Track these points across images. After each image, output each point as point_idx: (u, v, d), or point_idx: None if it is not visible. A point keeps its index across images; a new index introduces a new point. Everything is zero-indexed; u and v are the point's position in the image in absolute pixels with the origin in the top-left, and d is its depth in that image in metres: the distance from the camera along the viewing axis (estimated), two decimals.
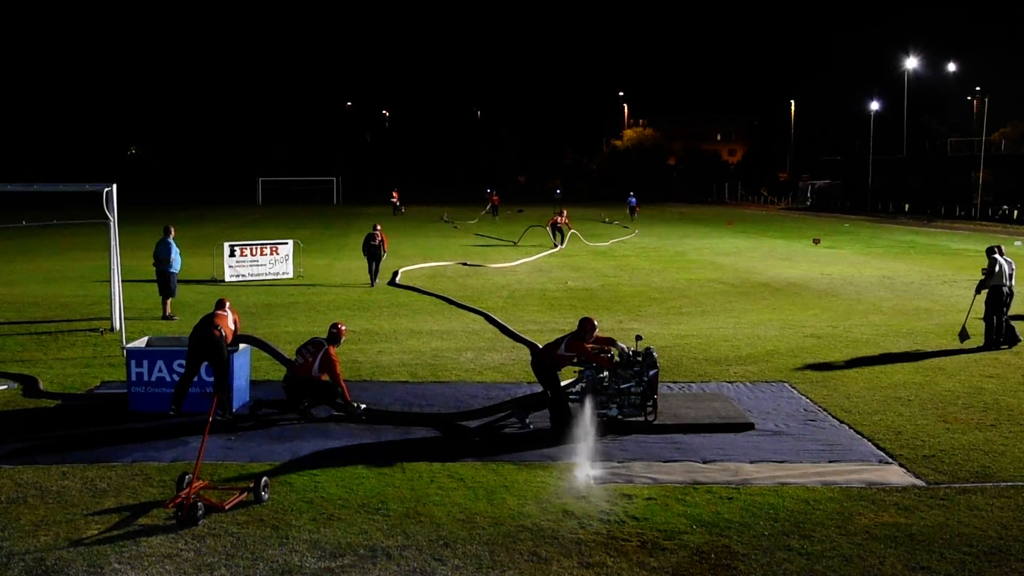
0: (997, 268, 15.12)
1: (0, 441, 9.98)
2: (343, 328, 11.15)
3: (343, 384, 10.73)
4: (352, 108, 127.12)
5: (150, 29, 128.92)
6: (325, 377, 10.69)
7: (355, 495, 8.37)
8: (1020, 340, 15.12)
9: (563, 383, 10.83)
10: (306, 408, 10.87)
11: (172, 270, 18.33)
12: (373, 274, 24.07)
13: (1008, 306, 15.24)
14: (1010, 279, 15.22)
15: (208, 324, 10.98)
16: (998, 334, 15.07)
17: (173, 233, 19.00)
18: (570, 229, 37.23)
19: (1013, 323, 15.42)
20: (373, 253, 24.13)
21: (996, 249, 15.50)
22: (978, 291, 15.36)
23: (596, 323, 10.75)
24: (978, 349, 14.93)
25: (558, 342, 10.72)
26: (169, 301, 18.35)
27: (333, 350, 10.77)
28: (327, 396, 10.76)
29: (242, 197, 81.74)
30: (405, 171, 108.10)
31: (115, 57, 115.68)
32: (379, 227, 24.97)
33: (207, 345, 10.85)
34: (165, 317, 18.02)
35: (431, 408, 11.41)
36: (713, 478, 8.91)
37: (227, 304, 11.45)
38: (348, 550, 7.21)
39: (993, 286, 15.10)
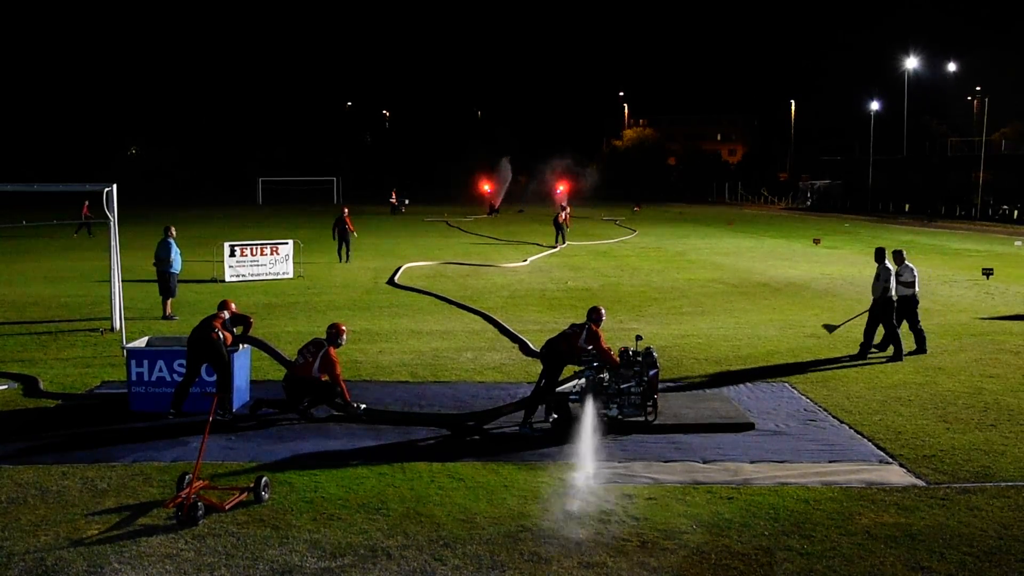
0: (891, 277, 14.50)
1: (0, 441, 9.99)
2: (343, 329, 11.12)
3: (343, 384, 10.73)
4: (352, 108, 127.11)
5: (150, 29, 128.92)
6: (325, 377, 10.69)
7: (355, 495, 8.37)
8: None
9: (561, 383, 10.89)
10: (306, 408, 10.87)
11: (172, 270, 18.32)
12: (342, 253, 29.13)
13: (893, 313, 14.49)
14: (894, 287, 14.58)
15: (206, 327, 10.96)
16: (868, 341, 14.53)
17: (174, 233, 19.00)
18: (567, 227, 37.46)
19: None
20: (342, 235, 29.21)
21: (884, 254, 14.83)
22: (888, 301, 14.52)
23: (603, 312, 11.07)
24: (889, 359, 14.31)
25: (575, 333, 10.72)
26: (169, 301, 18.34)
27: (333, 351, 10.77)
28: (327, 396, 10.76)
29: (242, 197, 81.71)
30: (405, 171, 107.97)
31: (115, 57, 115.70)
32: (346, 211, 30.03)
33: (206, 348, 10.85)
34: (165, 317, 18.02)
35: (431, 408, 11.41)
36: (713, 478, 8.91)
37: (230, 306, 11.44)
38: (348, 550, 7.21)
39: (890, 296, 14.43)
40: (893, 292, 14.52)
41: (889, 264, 14.73)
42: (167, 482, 8.61)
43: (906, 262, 14.94)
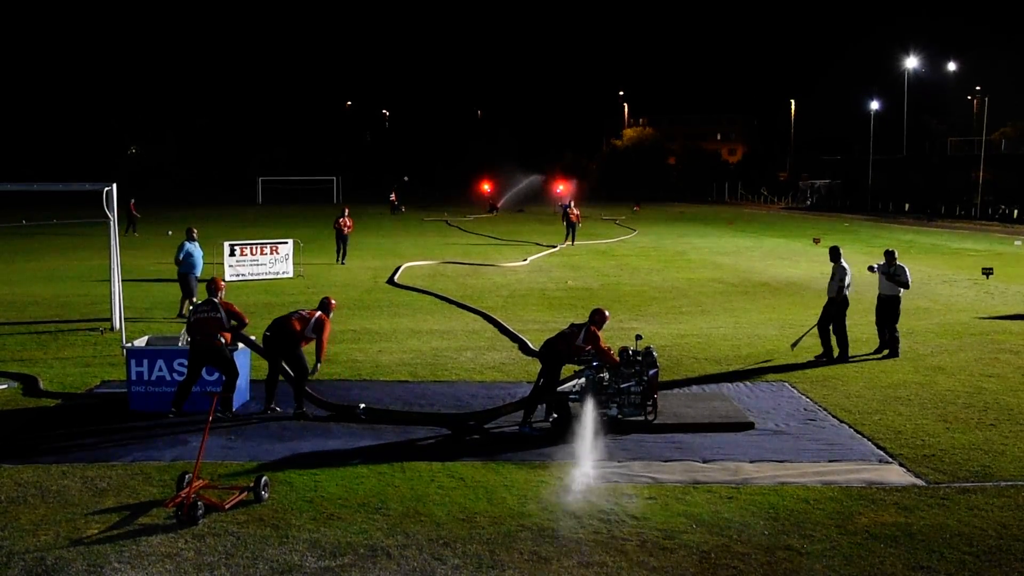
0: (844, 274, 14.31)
1: (0, 441, 9.99)
2: (333, 304, 11.58)
3: (325, 348, 11.14)
4: (352, 108, 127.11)
5: (150, 29, 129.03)
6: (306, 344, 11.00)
7: (355, 495, 8.38)
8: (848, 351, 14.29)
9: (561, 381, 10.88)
10: (301, 411, 10.88)
11: (185, 271, 18.30)
12: (340, 254, 28.79)
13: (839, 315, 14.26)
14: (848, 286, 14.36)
15: (208, 334, 10.82)
16: (828, 344, 14.21)
17: (195, 235, 18.97)
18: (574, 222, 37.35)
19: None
20: (340, 236, 28.92)
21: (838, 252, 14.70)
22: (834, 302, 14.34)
23: (608, 315, 10.99)
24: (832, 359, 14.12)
25: (574, 333, 10.68)
26: (187, 302, 18.30)
27: (326, 317, 11.16)
28: (297, 367, 10.88)
29: (242, 197, 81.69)
30: (405, 171, 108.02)
31: (115, 57, 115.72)
32: (347, 211, 29.73)
33: (211, 355, 10.80)
34: (180, 316, 18.01)
35: (431, 407, 11.40)
36: (713, 478, 8.90)
37: (220, 286, 11.35)
38: (348, 550, 7.21)
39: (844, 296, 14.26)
40: (847, 291, 14.36)
41: (845, 264, 14.60)
42: (167, 482, 8.61)
43: (897, 261, 14.88)
